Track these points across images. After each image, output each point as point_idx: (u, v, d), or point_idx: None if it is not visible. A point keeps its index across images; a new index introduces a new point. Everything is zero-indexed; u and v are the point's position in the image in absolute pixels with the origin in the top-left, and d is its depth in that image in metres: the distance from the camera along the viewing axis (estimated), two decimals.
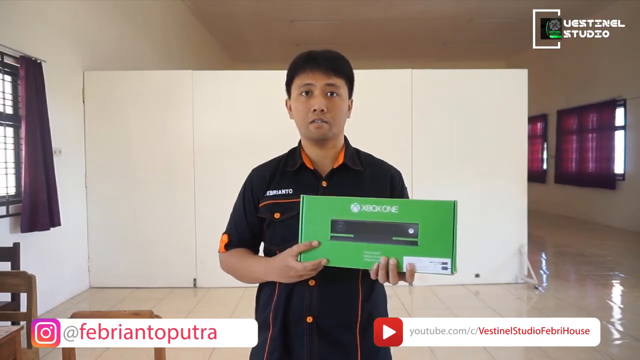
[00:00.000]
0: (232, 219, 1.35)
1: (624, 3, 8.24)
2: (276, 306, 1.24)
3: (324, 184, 1.27)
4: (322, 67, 1.24)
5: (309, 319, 1.21)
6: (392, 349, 1.26)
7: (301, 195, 1.15)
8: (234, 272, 1.32)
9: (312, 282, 1.21)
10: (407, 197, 1.37)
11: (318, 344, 1.21)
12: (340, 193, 1.20)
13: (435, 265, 1.07)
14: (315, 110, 1.23)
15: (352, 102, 1.34)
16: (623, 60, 8.28)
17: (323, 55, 1.26)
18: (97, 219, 4.89)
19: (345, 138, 1.38)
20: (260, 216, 1.29)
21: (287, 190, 1.27)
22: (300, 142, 1.36)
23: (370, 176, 1.31)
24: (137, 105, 4.91)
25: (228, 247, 1.32)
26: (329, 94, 1.25)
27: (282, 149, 1.43)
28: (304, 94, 1.26)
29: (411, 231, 1.08)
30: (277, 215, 1.26)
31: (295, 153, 1.35)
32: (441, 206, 1.08)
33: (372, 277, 1.10)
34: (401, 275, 1.09)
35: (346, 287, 1.23)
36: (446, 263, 1.07)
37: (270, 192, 1.29)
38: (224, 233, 1.35)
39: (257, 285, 1.33)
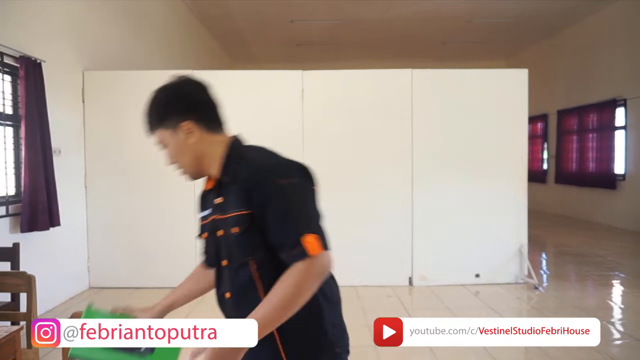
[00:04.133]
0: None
1: (624, 3, 8.23)
2: None
3: (218, 201, 1.28)
4: (146, 130, 1.32)
5: None
6: (392, 349, 1.26)
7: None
8: None
9: (227, 295, 1.27)
10: (277, 194, 1.17)
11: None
12: (226, 207, 1.24)
13: None
14: None
15: (186, 124, 1.26)
16: (623, 60, 8.28)
17: (144, 116, 1.33)
18: (96, 219, 4.89)
19: (232, 145, 1.30)
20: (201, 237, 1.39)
21: (207, 210, 1.34)
22: None
23: (234, 187, 1.23)
24: (137, 105, 4.85)
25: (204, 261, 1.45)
26: (162, 148, 1.31)
27: (282, 149, 1.43)
28: None
29: None
30: (204, 236, 1.36)
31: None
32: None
33: None
34: None
35: (251, 298, 1.20)
36: None
37: (199, 214, 1.38)
38: None
39: None
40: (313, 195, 1.25)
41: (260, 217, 1.17)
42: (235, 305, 1.24)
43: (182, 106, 1.27)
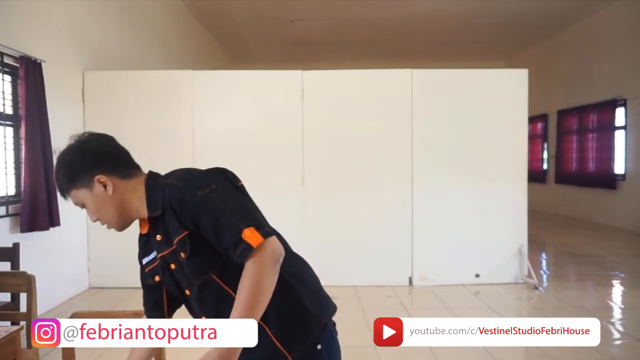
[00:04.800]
0: (142, 287, 1.43)
1: (624, 3, 8.23)
2: None
3: (159, 238, 1.29)
4: (60, 194, 1.30)
5: None
6: (392, 349, 1.26)
7: None
8: None
9: (203, 318, 1.27)
10: (201, 207, 1.19)
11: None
12: (169, 240, 1.25)
13: None
14: None
15: (99, 178, 1.25)
16: (623, 60, 8.28)
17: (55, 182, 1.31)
18: None
19: (148, 181, 1.31)
20: (149, 284, 1.38)
21: (152, 254, 1.34)
22: None
23: (166, 217, 1.26)
24: (137, 105, 4.90)
25: (145, 311, 1.43)
26: (81, 207, 1.31)
27: (282, 148, 1.44)
28: None
29: None
30: (157, 279, 1.34)
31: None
32: None
33: None
34: None
35: (227, 307, 1.18)
36: None
37: (144, 260, 1.37)
38: None
39: None
40: (238, 192, 1.27)
41: (198, 233, 1.20)
42: None
43: (90, 162, 1.26)
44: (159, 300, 1.39)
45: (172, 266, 1.29)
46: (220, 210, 1.18)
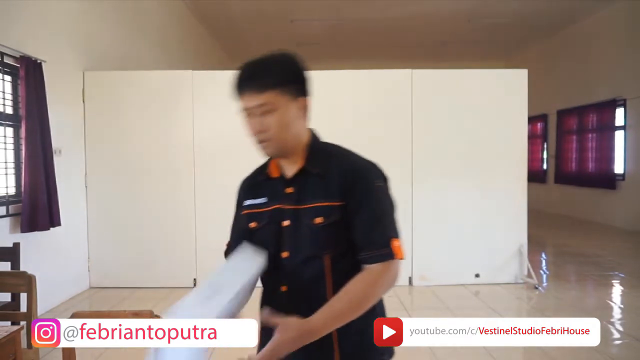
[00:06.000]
0: (231, 228, 1.37)
1: (624, 3, 8.23)
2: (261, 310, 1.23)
3: (288, 190, 1.23)
4: (248, 89, 1.19)
5: None
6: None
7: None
8: None
9: (283, 288, 1.21)
10: (374, 194, 1.20)
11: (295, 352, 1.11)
12: (302, 198, 1.20)
13: None
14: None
15: (307, 100, 1.23)
16: (623, 60, 8.28)
17: (249, 72, 1.21)
18: (97, 219, 4.89)
19: (313, 136, 1.30)
20: (243, 228, 1.30)
21: (261, 199, 1.27)
22: None
23: (328, 178, 1.21)
24: (137, 105, 4.91)
25: (225, 254, 1.34)
26: (262, 111, 1.19)
27: None
28: (245, 115, 1.24)
29: None
30: (252, 225, 1.27)
31: (268, 161, 1.32)
32: None
33: None
34: None
35: (315, 292, 1.18)
36: None
37: (247, 202, 1.30)
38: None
39: None
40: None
41: (353, 213, 1.17)
42: (294, 299, 1.20)
43: (308, 82, 1.24)
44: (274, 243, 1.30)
45: (285, 223, 1.22)
46: (386, 207, 1.20)
